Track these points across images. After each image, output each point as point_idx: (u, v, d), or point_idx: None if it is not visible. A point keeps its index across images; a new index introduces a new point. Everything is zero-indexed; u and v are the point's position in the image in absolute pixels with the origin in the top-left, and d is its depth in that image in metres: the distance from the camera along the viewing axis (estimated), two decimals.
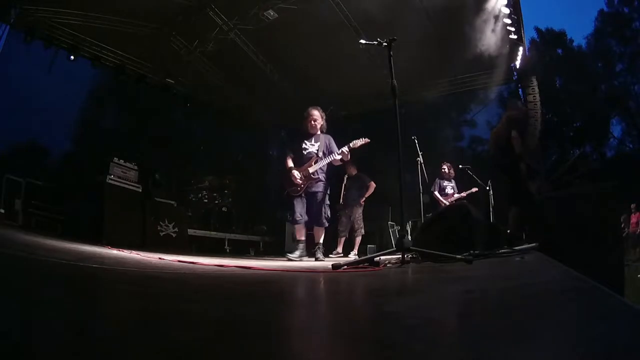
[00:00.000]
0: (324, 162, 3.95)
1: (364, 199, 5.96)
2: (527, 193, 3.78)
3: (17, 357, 0.42)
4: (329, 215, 4.05)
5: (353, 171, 6.21)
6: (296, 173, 3.93)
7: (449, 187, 6.03)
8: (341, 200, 6.18)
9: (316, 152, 4.00)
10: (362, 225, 5.96)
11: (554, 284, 1.26)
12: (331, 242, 6.24)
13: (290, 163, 4.03)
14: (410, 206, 5.63)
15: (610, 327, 0.65)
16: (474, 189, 6.05)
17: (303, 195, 3.94)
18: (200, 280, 1.57)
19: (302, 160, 4.01)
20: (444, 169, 6.05)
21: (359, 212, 5.99)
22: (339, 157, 3.89)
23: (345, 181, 6.22)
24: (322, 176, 4.00)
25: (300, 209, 3.91)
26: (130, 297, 1.00)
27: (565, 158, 15.51)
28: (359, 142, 3.88)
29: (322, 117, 4.14)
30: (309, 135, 4.12)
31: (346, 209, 6.08)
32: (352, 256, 5.42)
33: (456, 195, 5.97)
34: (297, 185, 3.92)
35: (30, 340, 0.47)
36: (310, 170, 3.93)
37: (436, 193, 5.99)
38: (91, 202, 4.59)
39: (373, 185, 5.97)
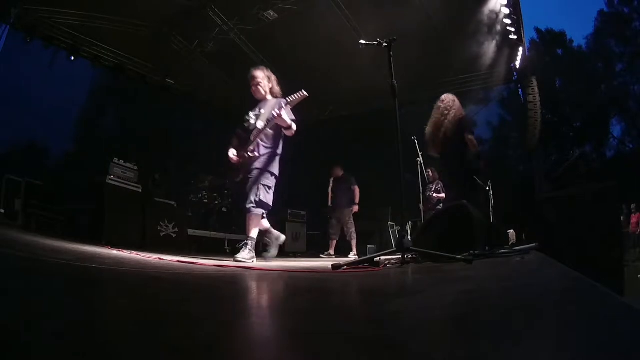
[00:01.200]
0: (263, 132, 3.10)
1: (356, 207, 5.92)
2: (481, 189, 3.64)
3: (17, 357, 0.42)
4: (260, 199, 3.08)
5: (339, 172, 6.12)
6: (231, 152, 3.20)
7: (429, 189, 6.02)
8: (329, 203, 6.12)
9: (256, 122, 3.18)
10: (353, 229, 5.90)
11: (554, 284, 1.26)
12: (323, 242, 6.26)
13: (234, 142, 3.28)
14: (411, 206, 5.63)
15: (610, 327, 0.65)
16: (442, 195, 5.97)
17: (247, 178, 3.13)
18: (199, 280, 1.57)
19: (246, 137, 3.20)
20: (428, 172, 6.05)
21: (349, 216, 5.93)
22: (284, 125, 3.05)
23: (331, 184, 6.13)
24: (263, 150, 3.14)
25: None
26: (130, 297, 1.00)
27: (565, 158, 15.54)
28: (295, 99, 2.98)
29: (269, 78, 3.33)
30: (254, 105, 3.32)
31: (335, 212, 6.03)
32: (352, 256, 5.42)
33: (435, 196, 5.92)
34: (234, 166, 3.20)
35: (31, 340, 0.47)
36: (248, 145, 3.14)
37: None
38: (91, 202, 4.59)
39: (357, 189, 5.93)
